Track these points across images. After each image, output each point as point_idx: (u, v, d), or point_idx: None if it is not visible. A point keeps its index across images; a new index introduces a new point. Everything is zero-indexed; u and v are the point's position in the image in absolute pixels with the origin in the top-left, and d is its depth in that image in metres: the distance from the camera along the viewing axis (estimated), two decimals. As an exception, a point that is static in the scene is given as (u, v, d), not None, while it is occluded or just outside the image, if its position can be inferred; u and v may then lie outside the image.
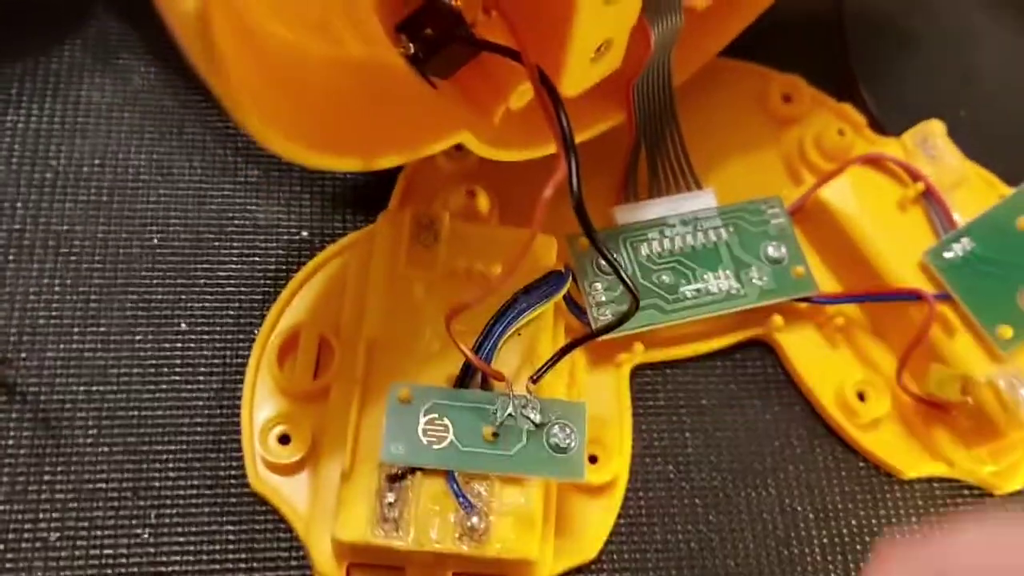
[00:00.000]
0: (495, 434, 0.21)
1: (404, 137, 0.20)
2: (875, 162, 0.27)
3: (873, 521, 0.26)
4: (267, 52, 0.16)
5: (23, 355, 0.24)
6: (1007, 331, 0.25)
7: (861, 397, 0.26)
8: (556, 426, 0.22)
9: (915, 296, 0.25)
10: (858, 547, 0.25)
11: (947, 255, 0.25)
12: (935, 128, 0.27)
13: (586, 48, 0.22)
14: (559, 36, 0.21)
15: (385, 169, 0.21)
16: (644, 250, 0.26)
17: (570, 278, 0.24)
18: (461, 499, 0.21)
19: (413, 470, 0.21)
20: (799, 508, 0.26)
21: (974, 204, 0.27)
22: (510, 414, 0.22)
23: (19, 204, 0.26)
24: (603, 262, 0.25)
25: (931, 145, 0.27)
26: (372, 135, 0.20)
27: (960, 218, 0.26)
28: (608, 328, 0.23)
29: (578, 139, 0.26)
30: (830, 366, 0.27)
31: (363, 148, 0.19)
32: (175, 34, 0.14)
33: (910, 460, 0.26)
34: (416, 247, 0.24)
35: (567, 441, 0.22)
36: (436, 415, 0.22)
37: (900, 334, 0.26)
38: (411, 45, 0.21)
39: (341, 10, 0.19)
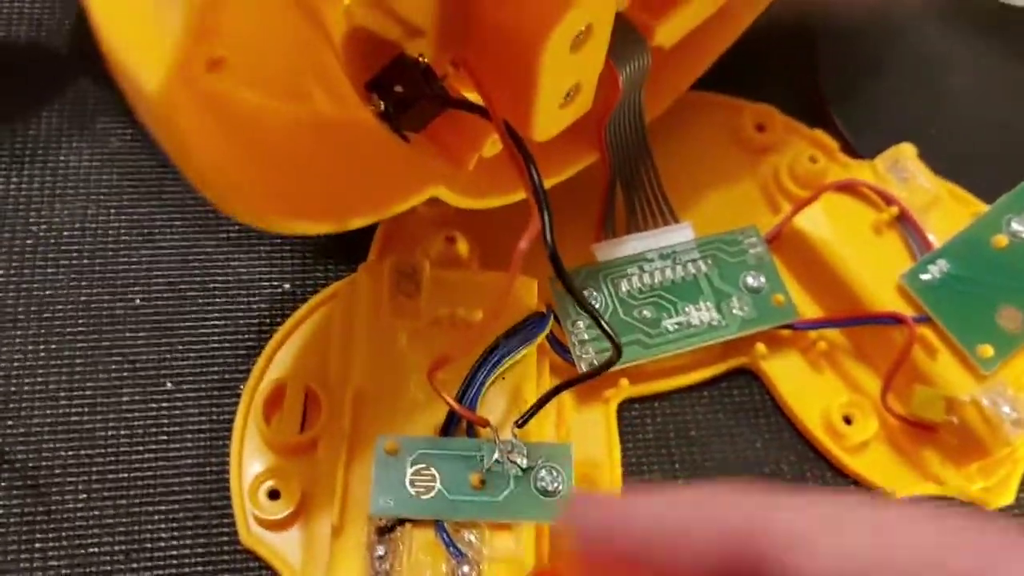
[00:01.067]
0: (482, 481, 0.22)
1: (377, 195, 0.21)
2: (848, 188, 0.27)
3: (867, 545, 0.26)
4: (233, 120, 0.16)
5: (9, 422, 0.24)
6: (987, 350, 0.25)
7: (848, 420, 0.26)
8: (543, 469, 0.22)
9: (895, 319, 0.25)
10: (853, 572, 0.25)
11: (924, 277, 0.26)
12: (906, 151, 0.28)
13: (554, 95, 0.22)
14: (527, 85, 0.21)
15: (361, 223, 0.22)
16: (624, 286, 0.26)
17: (551, 319, 0.25)
18: (451, 548, 0.21)
19: (403, 521, 0.21)
20: (792, 536, 0.26)
21: (948, 224, 0.27)
22: (497, 460, 0.22)
23: (0, 271, 0.26)
24: (584, 301, 0.25)
25: (902, 168, 0.27)
26: (345, 195, 0.20)
27: (935, 239, 0.26)
28: (590, 375, 0.23)
29: (554, 180, 0.26)
30: (815, 391, 0.27)
31: (336, 210, 0.20)
32: (137, 112, 0.14)
33: (900, 481, 0.26)
34: (398, 297, 0.24)
35: (555, 484, 0.22)
36: (423, 465, 0.22)
37: (883, 356, 0.26)
38: (382, 103, 0.21)
39: (311, 70, 0.19)
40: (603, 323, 0.21)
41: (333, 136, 0.20)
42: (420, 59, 0.21)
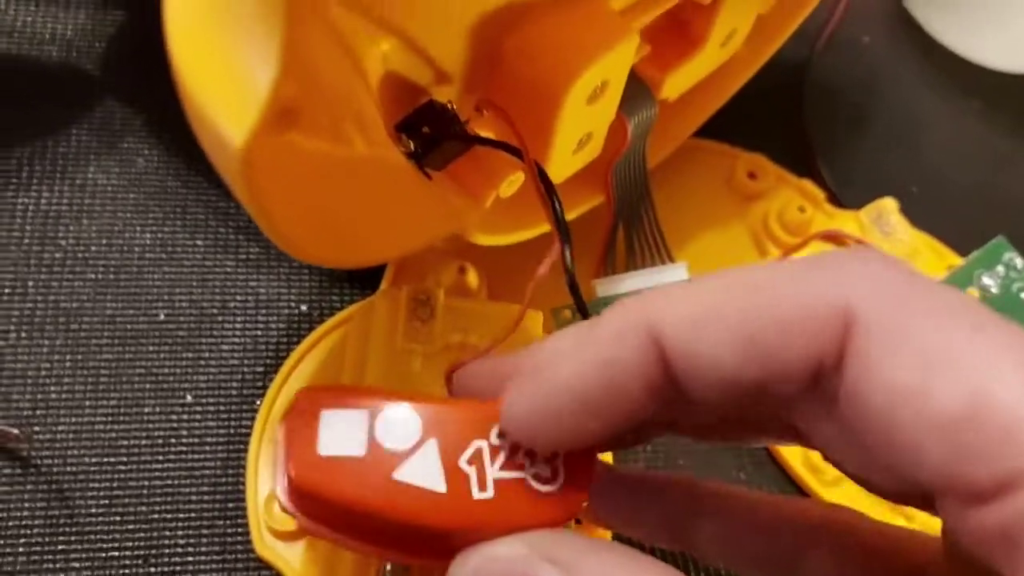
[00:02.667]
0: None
1: (408, 230, 0.22)
2: (834, 238, 0.29)
3: (840, 573, 0.27)
4: (293, 168, 0.18)
5: (36, 429, 0.25)
6: (957, 394, 0.27)
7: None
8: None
9: (873, 363, 0.27)
10: (826, 598, 0.27)
11: (901, 324, 0.28)
12: (888, 205, 0.30)
13: (569, 142, 0.24)
14: (545, 132, 0.23)
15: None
16: (623, 321, 0.28)
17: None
18: (460, 563, 0.22)
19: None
20: (771, 562, 0.27)
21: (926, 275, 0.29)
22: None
23: (30, 283, 0.27)
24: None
25: (884, 221, 0.29)
26: (381, 231, 0.21)
27: (913, 289, 0.28)
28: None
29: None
30: (797, 427, 0.28)
31: (375, 245, 0.21)
32: (215, 163, 0.15)
33: (872, 513, 0.28)
34: (413, 322, 0.26)
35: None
36: (435, 483, 0.23)
37: (860, 397, 0.28)
38: (411, 143, 0.23)
39: (350, 115, 0.21)
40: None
41: (368, 177, 0.21)
42: (449, 104, 0.23)
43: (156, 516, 0.25)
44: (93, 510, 0.25)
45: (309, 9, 0.13)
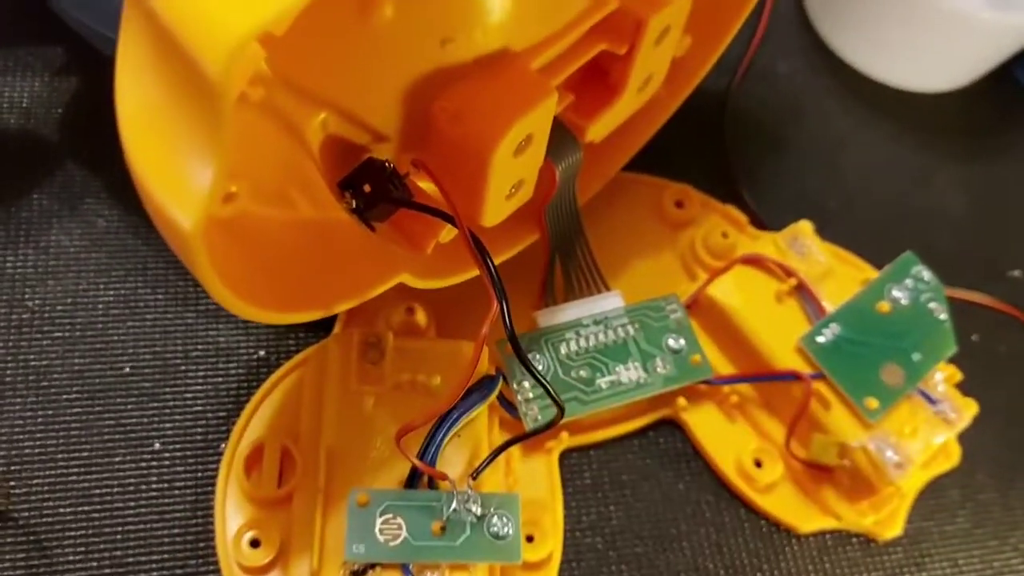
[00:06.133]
0: (443, 528, 0.25)
1: (355, 283, 0.24)
2: (755, 261, 0.31)
3: (776, 573, 0.30)
4: (237, 236, 0.19)
5: (12, 482, 0.27)
6: (873, 402, 0.29)
7: (758, 464, 0.30)
8: (495, 516, 0.25)
9: (794, 376, 0.29)
10: (764, 597, 0.29)
11: (819, 339, 0.30)
12: (803, 228, 0.32)
13: (501, 190, 0.26)
14: (477, 184, 0.25)
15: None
16: (563, 349, 0.30)
17: (500, 380, 0.28)
18: (417, 587, 0.24)
19: (373, 565, 0.25)
20: (711, 566, 0.29)
21: (841, 290, 0.31)
22: (454, 509, 0.25)
23: (-1, 344, 0.29)
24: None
25: (801, 244, 0.31)
26: (328, 286, 0.23)
27: (828, 305, 0.31)
28: (537, 431, 0.26)
29: (501, 257, 0.30)
30: (730, 438, 0.31)
31: (322, 298, 0.23)
32: (168, 241, 0.17)
33: (804, 517, 0.30)
34: (364, 364, 0.27)
35: (505, 529, 0.25)
36: (391, 515, 0.25)
37: (785, 408, 0.30)
38: (353, 200, 0.24)
39: (293, 180, 0.23)
40: (549, 388, 0.25)
41: (315, 235, 0.23)
42: (387, 164, 0.24)
43: (131, 560, 0.26)
44: (71, 558, 0.26)
45: (237, 108, 0.15)
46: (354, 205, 0.24)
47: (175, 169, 0.15)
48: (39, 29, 0.33)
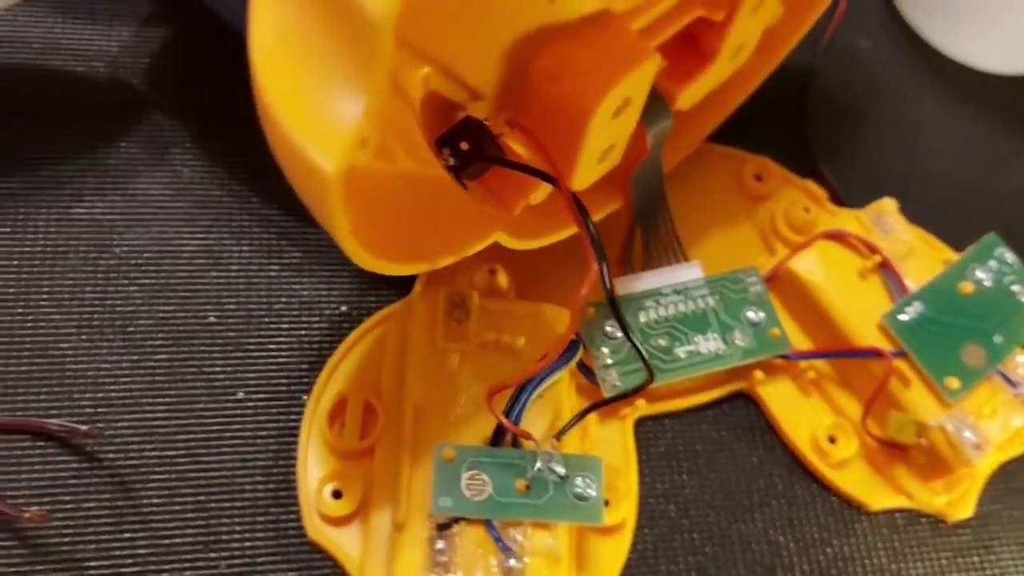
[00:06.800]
0: (527, 486, 0.25)
1: (454, 239, 0.24)
2: (838, 237, 0.31)
3: (846, 549, 0.30)
4: (357, 183, 0.20)
5: (100, 425, 0.27)
6: (954, 382, 0.29)
7: (832, 440, 0.30)
8: (579, 477, 0.25)
9: (875, 353, 0.29)
10: (833, 572, 0.29)
11: (901, 317, 0.30)
12: (887, 206, 0.32)
13: (594, 154, 0.26)
14: (572, 146, 0.25)
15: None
16: (643, 317, 0.30)
17: (581, 346, 0.28)
18: (500, 544, 0.24)
19: (458, 519, 0.25)
20: (782, 539, 0.29)
21: (923, 271, 0.31)
22: (539, 468, 0.25)
23: (87, 288, 0.29)
24: (608, 329, 0.29)
25: (884, 221, 0.31)
26: (430, 241, 0.23)
27: (911, 284, 0.30)
28: (624, 395, 0.26)
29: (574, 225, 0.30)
30: (804, 413, 0.31)
31: (426, 254, 0.23)
32: (300, 189, 0.17)
33: (876, 494, 0.30)
34: (450, 323, 0.27)
35: (588, 491, 0.25)
36: (476, 471, 0.25)
37: (863, 385, 0.30)
38: (450, 157, 0.24)
39: (396, 131, 0.23)
40: (643, 353, 0.25)
41: (414, 190, 0.23)
42: (484, 122, 0.24)
43: (214, 505, 0.27)
44: (155, 500, 0.27)
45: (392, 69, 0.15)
46: (451, 162, 0.25)
47: (319, 109, 0.15)
48: (127, -23, 0.33)
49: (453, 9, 0.21)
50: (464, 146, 0.24)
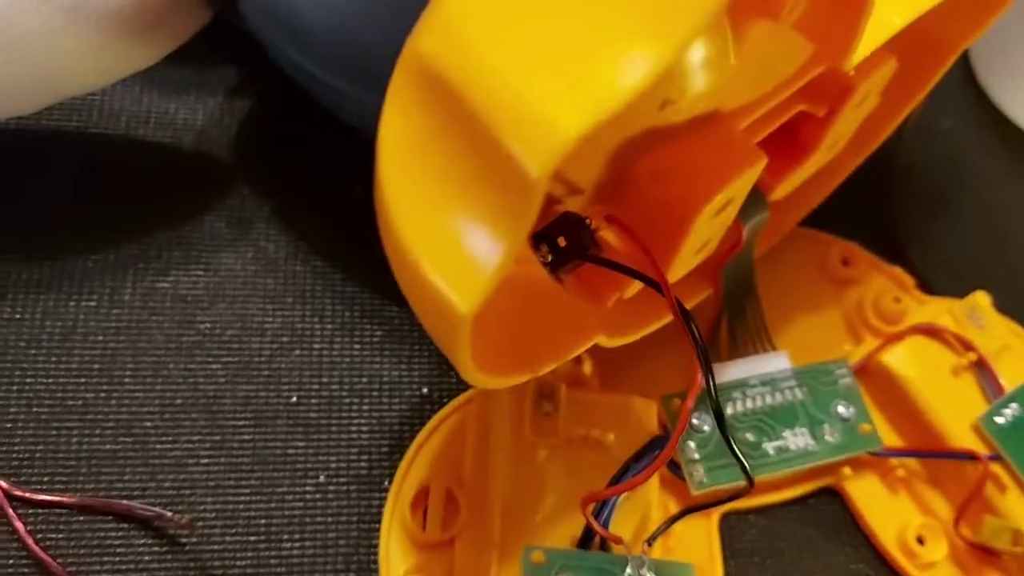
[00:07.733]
0: (618, 592, 0.24)
1: (555, 343, 0.24)
2: (932, 332, 0.30)
3: (934, 655, 0.29)
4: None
5: (181, 507, 0.27)
6: (1053, 489, 0.28)
7: (920, 541, 0.29)
8: (669, 585, 0.25)
9: (971, 456, 0.28)
10: None
11: (998, 420, 0.29)
12: (981, 301, 0.31)
13: (692, 249, 0.25)
14: (672, 243, 0.24)
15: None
16: (729, 409, 0.29)
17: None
18: (591, 652, 0.24)
19: (547, 624, 0.24)
20: (869, 642, 0.29)
21: (1018, 368, 0.30)
22: (629, 574, 0.25)
23: (171, 365, 0.29)
24: (695, 422, 0.28)
25: (978, 316, 0.30)
26: (533, 348, 0.23)
27: (1005, 382, 0.30)
28: (719, 502, 0.26)
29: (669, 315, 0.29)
30: (892, 512, 0.30)
31: (529, 361, 0.23)
32: (428, 322, 0.17)
33: (966, 594, 0.29)
34: (538, 415, 0.27)
35: (679, 598, 0.25)
36: (566, 575, 0.25)
37: (956, 486, 0.29)
38: (548, 254, 0.24)
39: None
40: (745, 465, 0.24)
41: (515, 293, 0.23)
42: (586, 220, 0.24)
43: (295, 593, 0.27)
44: (237, 587, 0.26)
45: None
46: (549, 259, 0.24)
47: (459, 248, 0.15)
48: (216, 46, 0.33)
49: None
50: (562, 242, 0.24)
